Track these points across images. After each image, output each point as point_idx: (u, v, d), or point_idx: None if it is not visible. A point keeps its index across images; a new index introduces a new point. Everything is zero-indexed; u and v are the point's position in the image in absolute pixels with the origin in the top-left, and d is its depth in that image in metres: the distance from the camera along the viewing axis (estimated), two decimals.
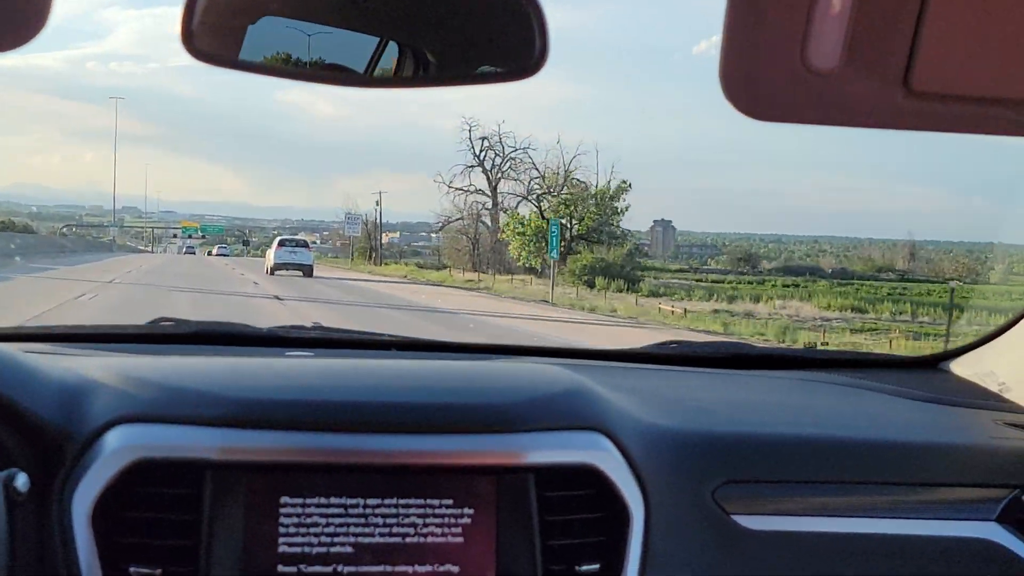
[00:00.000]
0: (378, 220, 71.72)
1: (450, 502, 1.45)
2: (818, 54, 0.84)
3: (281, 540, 1.41)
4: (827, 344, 20.63)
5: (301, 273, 39.37)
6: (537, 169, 59.69)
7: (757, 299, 35.39)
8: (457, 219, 67.05)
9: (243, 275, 34.60)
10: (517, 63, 1.29)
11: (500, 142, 65.21)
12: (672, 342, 2.52)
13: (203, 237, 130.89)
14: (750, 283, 55.23)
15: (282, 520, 1.41)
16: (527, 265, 55.32)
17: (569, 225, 55.28)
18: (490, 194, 65.50)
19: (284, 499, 1.42)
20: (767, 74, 0.86)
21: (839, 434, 1.75)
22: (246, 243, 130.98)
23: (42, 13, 0.80)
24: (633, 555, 1.51)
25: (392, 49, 1.41)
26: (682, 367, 2.31)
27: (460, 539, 1.45)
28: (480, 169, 65.19)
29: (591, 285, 41.09)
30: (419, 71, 1.42)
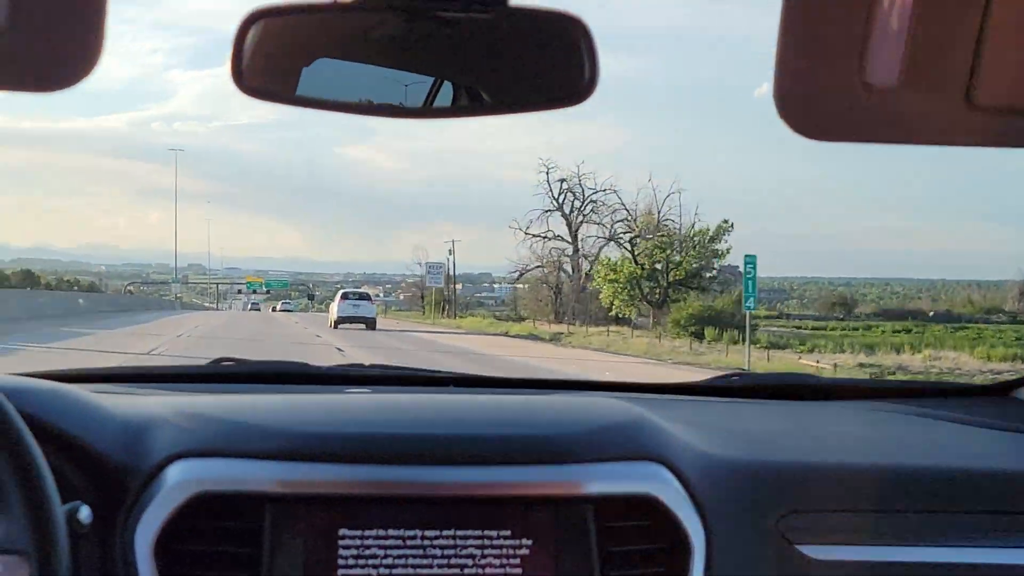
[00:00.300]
0: (451, 270, 68.43)
1: (508, 533, 1.45)
2: (876, 71, 0.83)
3: (340, 572, 1.42)
4: None
5: (364, 326, 39.59)
6: (627, 210, 56.49)
7: (897, 349, 31.52)
8: (535, 267, 63.40)
9: (317, 336, 30.97)
10: (568, 90, 1.30)
11: (580, 184, 61.57)
12: (734, 374, 2.50)
13: (267, 292, 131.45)
14: (855, 329, 51.98)
15: (341, 552, 1.42)
16: (619, 314, 51.95)
17: (665, 270, 51.23)
18: (570, 240, 61.96)
19: (343, 531, 1.43)
20: (823, 93, 0.86)
21: (906, 462, 1.72)
22: (311, 297, 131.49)
23: (95, 49, 0.82)
24: None
25: (447, 86, 1.42)
26: (744, 399, 2.29)
27: (519, 570, 1.45)
28: (559, 213, 61.67)
29: (699, 336, 37.16)
30: (472, 102, 1.44)
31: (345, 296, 43.23)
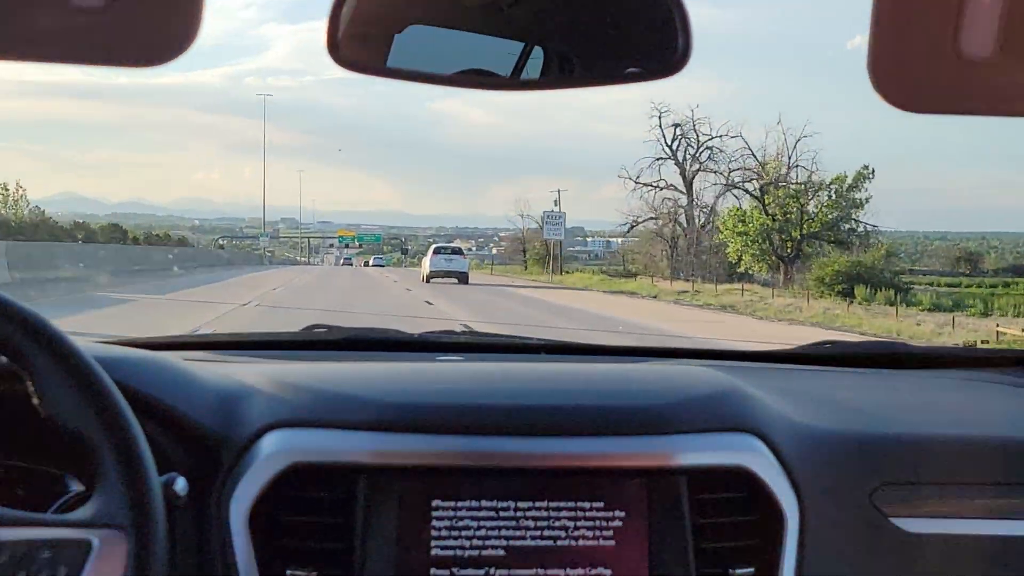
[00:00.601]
0: (542, 221, 63.08)
1: (601, 505, 1.46)
2: (971, 42, 0.82)
3: (433, 543, 1.43)
4: None
5: (456, 280, 39.74)
6: (754, 156, 52.05)
7: None
8: (647, 219, 58.37)
9: (428, 303, 24.95)
10: (661, 62, 1.29)
11: (695, 129, 57.00)
12: (826, 342, 2.47)
13: (360, 246, 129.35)
14: (993, 287, 48.18)
15: (434, 523, 1.44)
16: (747, 270, 48.17)
17: (799, 221, 47.16)
18: (684, 190, 57.43)
19: (436, 502, 1.44)
20: (918, 64, 0.84)
21: (1003, 434, 1.69)
22: (404, 251, 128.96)
23: (194, 25, 0.83)
24: (788, 558, 1.49)
25: (537, 53, 1.42)
26: (836, 367, 2.26)
27: (612, 542, 1.45)
28: (672, 161, 57.33)
29: (846, 296, 33.06)
30: (564, 73, 1.44)
31: (437, 251, 43.40)
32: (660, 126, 58.18)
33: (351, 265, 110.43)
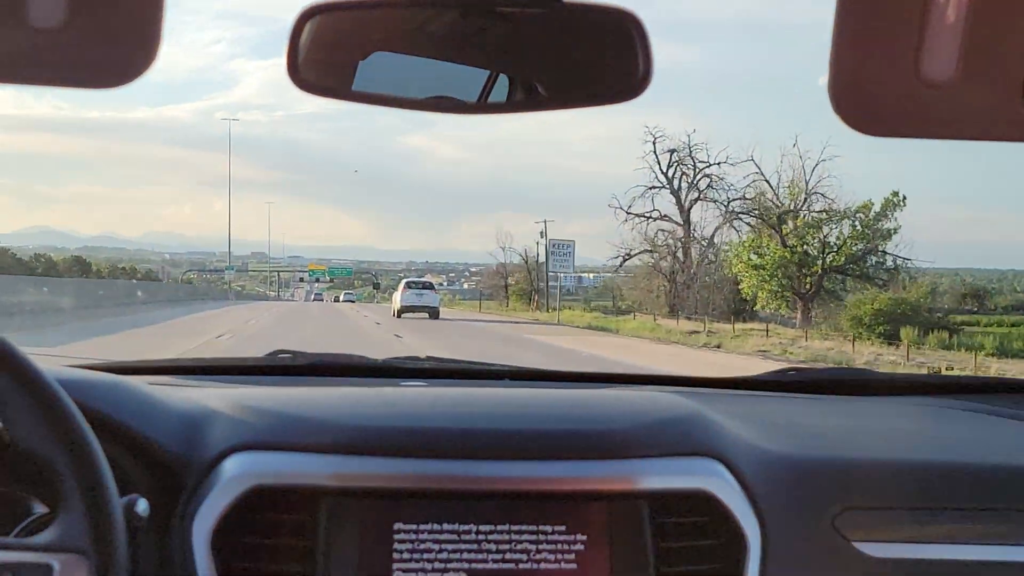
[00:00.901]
0: (546, 252, 57.29)
1: (563, 528, 1.46)
2: (932, 65, 0.83)
3: (395, 566, 1.44)
4: None
5: (427, 315, 39.76)
6: (768, 182, 48.09)
7: None
8: (641, 251, 54.52)
9: (401, 339, 23.54)
10: (622, 85, 1.30)
11: (691, 156, 53.52)
12: (790, 369, 2.50)
13: (331, 280, 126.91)
14: (1001, 325, 43.89)
15: (396, 546, 1.44)
16: (764, 308, 44.44)
17: (820, 254, 43.42)
18: (680, 221, 54.02)
19: (398, 525, 1.45)
20: (879, 88, 0.85)
21: (965, 459, 1.71)
22: (377, 286, 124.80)
23: (153, 46, 0.84)
24: None
25: (502, 79, 1.44)
26: (800, 394, 2.28)
27: (573, 565, 1.46)
28: (668, 190, 53.85)
29: (888, 338, 29.46)
30: (527, 97, 1.45)
31: (409, 285, 43.48)
32: (655, 151, 55.11)
33: (321, 300, 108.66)
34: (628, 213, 54.35)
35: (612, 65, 1.32)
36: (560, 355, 20.97)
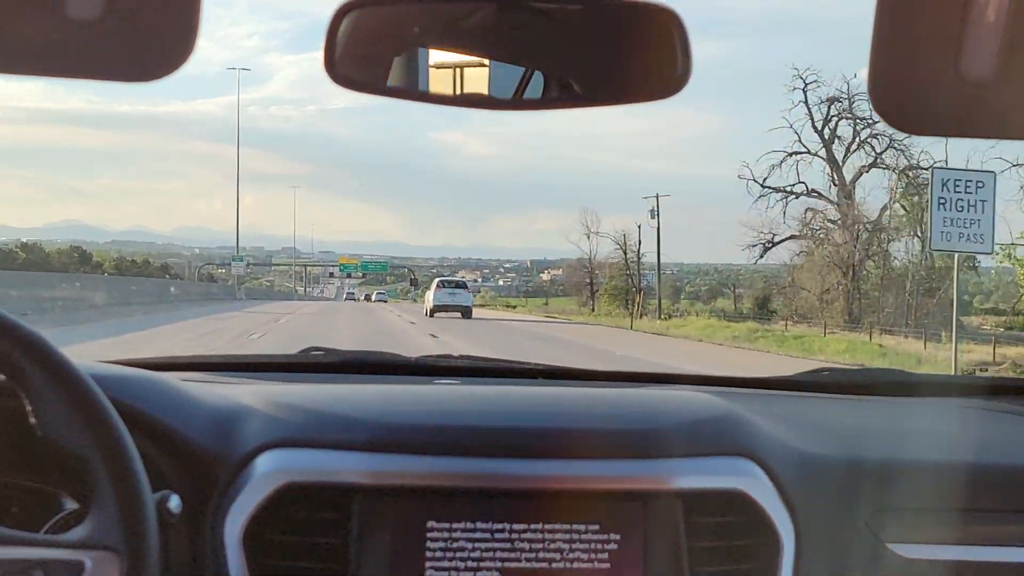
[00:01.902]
0: (657, 251, 45.67)
1: (596, 528, 1.47)
2: (972, 64, 0.84)
3: (428, 564, 1.45)
4: None
5: (460, 315, 39.84)
6: None
7: None
8: (787, 238, 41.71)
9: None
10: (660, 83, 1.31)
11: (850, 110, 40.37)
12: (824, 369, 2.50)
13: (363, 276, 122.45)
14: None
15: (428, 544, 1.46)
16: None
17: None
18: (834, 198, 40.84)
19: (431, 523, 1.46)
20: (919, 86, 0.86)
21: (1001, 461, 1.71)
22: (414, 283, 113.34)
23: (190, 40, 0.85)
24: None
25: (537, 75, 1.44)
26: (834, 395, 2.29)
27: (607, 564, 1.47)
28: (822, 153, 40.91)
29: None
30: (564, 94, 1.46)
31: (441, 284, 43.47)
32: (806, 102, 41.53)
33: (354, 299, 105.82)
34: (763, 187, 42.70)
35: (650, 62, 1.32)
36: None
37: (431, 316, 39.74)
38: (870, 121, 40.05)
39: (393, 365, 2.29)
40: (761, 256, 43.93)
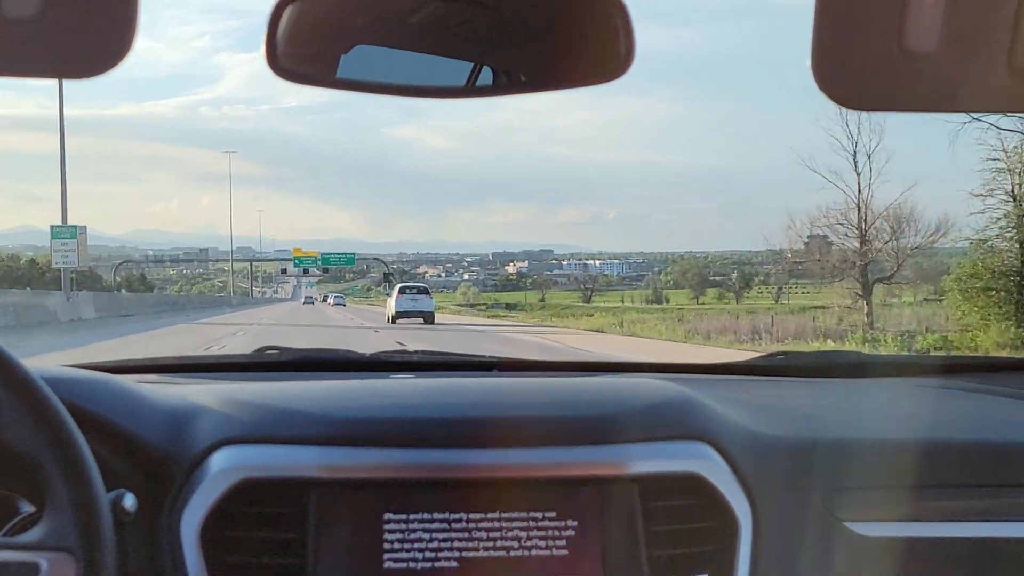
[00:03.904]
0: None
1: (554, 514, 1.51)
2: (916, 37, 0.85)
3: (386, 556, 1.48)
4: None
5: (422, 320, 39.69)
6: None
7: None
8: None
9: None
10: (604, 67, 1.34)
11: None
12: (779, 353, 2.54)
13: (324, 271, 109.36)
14: None
15: (386, 536, 1.48)
16: None
17: None
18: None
19: (388, 515, 1.49)
20: (862, 61, 0.88)
21: (954, 437, 1.76)
22: (389, 278, 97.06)
23: (128, 35, 0.87)
24: (743, 564, 1.55)
25: (485, 67, 1.47)
26: (790, 378, 2.33)
27: (565, 551, 1.50)
28: None
29: None
30: (510, 81, 1.49)
31: (403, 291, 43.25)
32: None
33: (312, 304, 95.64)
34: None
35: (594, 47, 1.35)
36: None
37: (393, 323, 39.62)
38: None
39: (348, 362, 2.32)
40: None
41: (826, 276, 40.05)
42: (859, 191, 38.66)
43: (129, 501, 1.38)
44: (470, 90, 1.47)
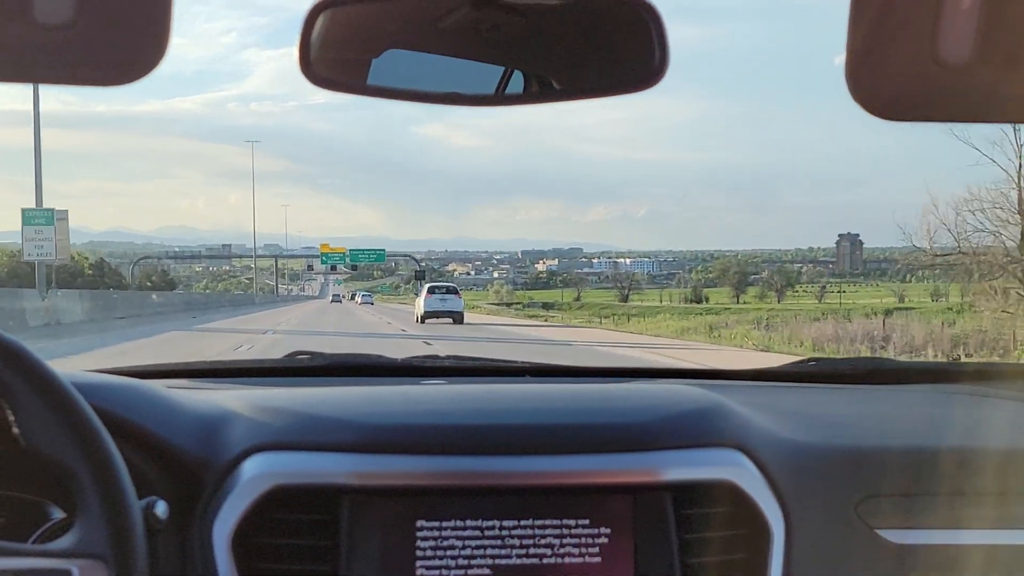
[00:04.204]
0: None
1: (587, 522, 1.51)
2: (949, 48, 0.86)
3: (418, 563, 1.48)
4: None
5: (451, 320, 39.70)
6: None
7: None
8: None
9: None
10: (638, 75, 1.34)
11: None
12: (810, 359, 2.54)
13: (353, 268, 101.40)
14: None
15: (419, 544, 1.49)
16: None
17: None
18: None
19: (420, 523, 1.49)
20: (896, 71, 0.88)
21: (989, 444, 1.75)
22: (421, 276, 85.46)
23: (161, 42, 0.87)
24: (775, 571, 1.55)
25: (517, 71, 1.47)
26: (821, 384, 2.33)
27: (598, 559, 1.51)
28: None
29: None
30: (542, 88, 1.49)
31: (432, 291, 43.27)
32: None
33: (339, 301, 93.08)
34: None
35: (627, 55, 1.36)
36: None
37: (422, 322, 39.68)
38: None
39: (380, 367, 2.32)
40: None
41: (983, 272, 33.45)
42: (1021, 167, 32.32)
43: (161, 508, 1.38)
44: (501, 98, 1.48)
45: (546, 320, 54.00)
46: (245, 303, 76.05)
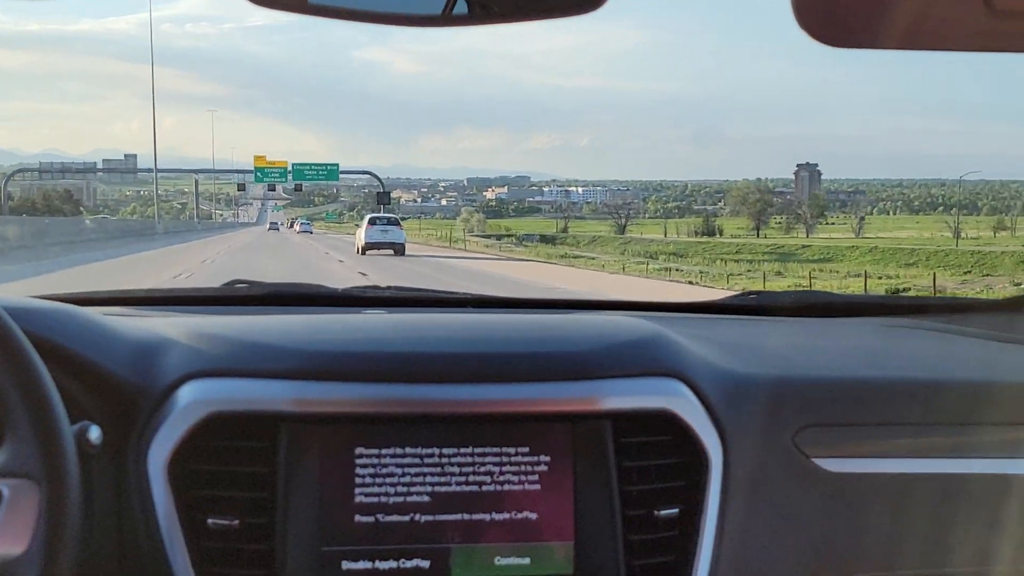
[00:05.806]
0: None
1: (526, 450, 1.55)
2: None
3: (357, 490, 1.51)
4: None
5: (392, 252, 39.60)
6: None
7: None
8: None
9: None
10: None
11: None
12: (751, 292, 2.60)
13: (297, 190, 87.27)
14: None
15: (358, 471, 1.52)
16: None
17: None
18: None
19: (359, 450, 1.52)
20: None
21: (922, 376, 1.82)
22: (385, 199, 69.87)
23: None
24: (712, 498, 1.60)
25: None
26: (761, 316, 2.38)
27: (537, 486, 1.55)
28: None
29: None
30: (484, 10, 1.50)
31: (373, 221, 42.86)
32: None
33: (277, 230, 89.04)
34: None
35: None
36: None
37: (363, 254, 39.53)
38: None
39: (319, 296, 2.33)
40: None
41: None
42: None
43: (94, 433, 1.40)
44: (446, 18, 1.48)
45: (570, 261, 47.58)
46: (147, 233, 61.73)
